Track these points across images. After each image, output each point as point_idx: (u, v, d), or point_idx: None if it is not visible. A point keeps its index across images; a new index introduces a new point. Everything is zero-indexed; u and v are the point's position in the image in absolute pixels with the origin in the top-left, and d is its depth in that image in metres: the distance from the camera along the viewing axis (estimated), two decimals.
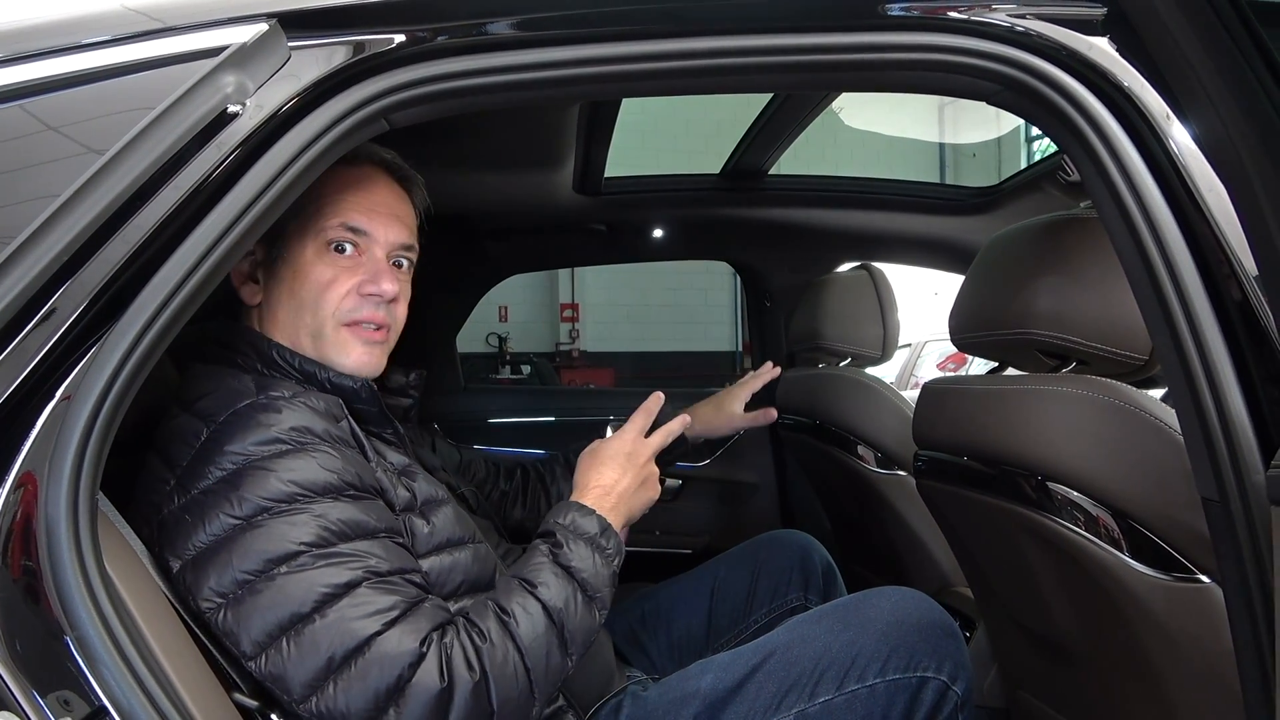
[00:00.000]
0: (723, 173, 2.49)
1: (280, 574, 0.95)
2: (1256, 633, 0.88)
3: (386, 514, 1.05)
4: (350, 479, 1.02)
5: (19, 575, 0.81)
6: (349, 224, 1.15)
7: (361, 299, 1.15)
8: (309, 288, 1.14)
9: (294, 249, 1.14)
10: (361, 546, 0.99)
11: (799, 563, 1.59)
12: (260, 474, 0.98)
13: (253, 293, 1.16)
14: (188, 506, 0.99)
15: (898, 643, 1.17)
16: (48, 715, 0.78)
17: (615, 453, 1.22)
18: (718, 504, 2.76)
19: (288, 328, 1.15)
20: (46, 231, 0.82)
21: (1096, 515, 1.12)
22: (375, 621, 0.94)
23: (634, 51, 0.99)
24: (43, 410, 0.83)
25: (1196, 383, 0.90)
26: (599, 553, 1.10)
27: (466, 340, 2.97)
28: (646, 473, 1.23)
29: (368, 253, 1.17)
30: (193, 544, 0.97)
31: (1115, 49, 0.95)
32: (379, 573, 0.98)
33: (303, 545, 0.96)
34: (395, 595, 0.97)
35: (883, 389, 2.11)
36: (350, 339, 1.15)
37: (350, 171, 1.18)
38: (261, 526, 0.96)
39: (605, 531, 1.13)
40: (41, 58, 0.90)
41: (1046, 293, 1.21)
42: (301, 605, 0.94)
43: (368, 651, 0.93)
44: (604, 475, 1.20)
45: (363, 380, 1.15)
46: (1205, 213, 0.90)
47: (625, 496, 1.19)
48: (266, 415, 1.03)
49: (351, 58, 0.93)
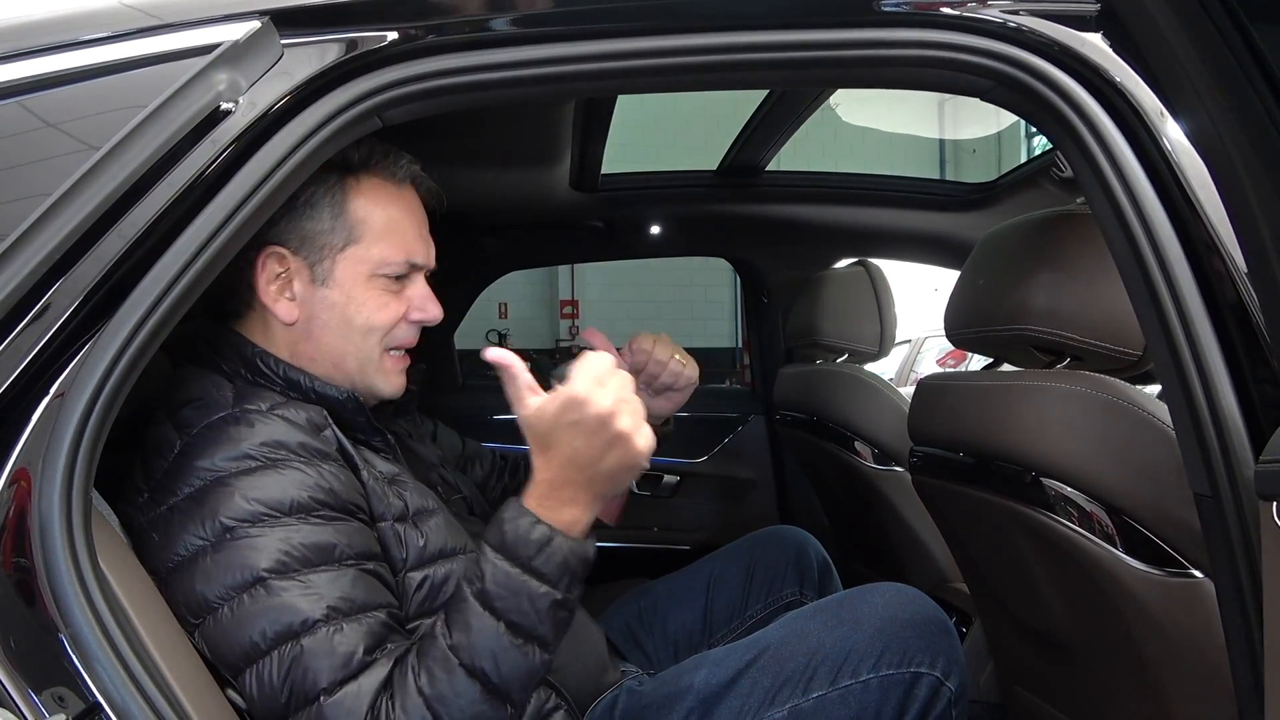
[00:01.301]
0: (720, 169, 2.49)
1: (240, 603, 0.93)
2: (1248, 626, 0.88)
3: (359, 537, 1.01)
4: (323, 497, 0.99)
5: (12, 572, 0.82)
6: (414, 261, 1.16)
7: (409, 326, 1.17)
8: (364, 313, 1.13)
9: (347, 275, 1.12)
10: (325, 578, 0.95)
11: (795, 558, 1.59)
12: (226, 491, 0.97)
13: (289, 311, 1.12)
14: (155, 522, 0.99)
15: (892, 638, 1.17)
16: (43, 712, 0.78)
17: (558, 421, 0.95)
18: (715, 500, 2.77)
19: (330, 349, 1.13)
20: (40, 228, 0.82)
21: (1090, 511, 1.13)
22: (325, 677, 0.92)
23: (629, 48, 0.99)
24: (36, 407, 0.83)
25: (1188, 378, 0.90)
26: (535, 577, 0.93)
27: (467, 338, 2.96)
28: (609, 434, 0.95)
29: (414, 278, 1.17)
30: (163, 563, 0.97)
31: (1109, 45, 0.95)
32: (340, 611, 0.94)
33: (264, 571, 0.94)
34: (352, 642, 0.93)
35: (880, 385, 2.11)
36: (393, 368, 1.17)
37: (395, 192, 1.16)
38: (224, 550, 0.95)
39: (543, 549, 0.94)
40: (39, 54, 0.90)
41: (1040, 288, 1.21)
42: (262, 638, 0.93)
43: (315, 710, 0.92)
44: (550, 459, 0.96)
45: (347, 391, 1.13)
46: (1197, 208, 0.90)
47: (585, 476, 0.96)
48: (238, 429, 1.01)
49: (344, 55, 0.93)
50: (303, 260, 1.11)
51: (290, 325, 1.13)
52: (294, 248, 1.11)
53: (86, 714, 0.79)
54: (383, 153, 1.15)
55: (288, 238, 1.11)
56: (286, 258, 1.11)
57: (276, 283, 1.12)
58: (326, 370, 1.13)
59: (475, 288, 2.90)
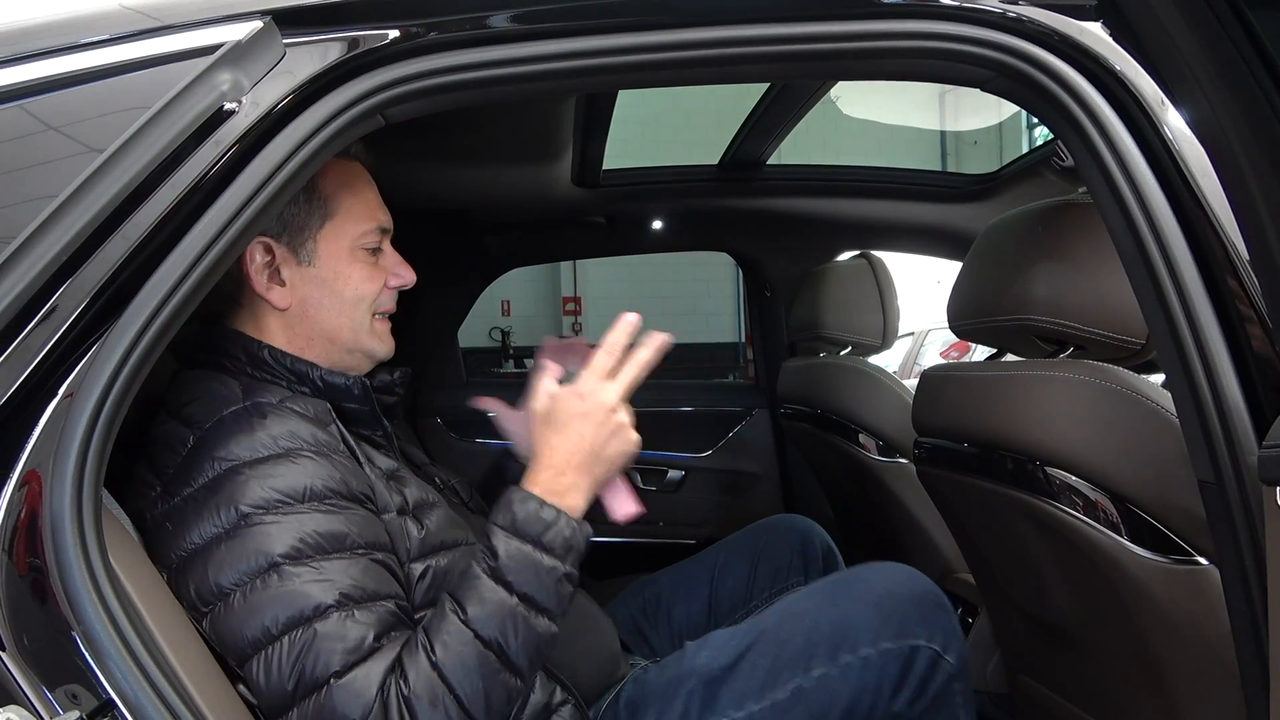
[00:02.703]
0: (721, 164, 2.49)
1: (254, 590, 0.94)
2: (1253, 613, 0.88)
3: (370, 526, 1.03)
4: (335, 486, 1.01)
5: (25, 572, 0.82)
6: (383, 226, 1.21)
7: (389, 292, 1.22)
8: (352, 285, 1.17)
9: (329, 252, 1.16)
10: (337, 566, 0.97)
11: (799, 547, 1.60)
12: (241, 480, 0.98)
13: (282, 297, 1.15)
14: (169, 514, 0.99)
15: (889, 614, 1.18)
16: (56, 709, 0.79)
17: (567, 413, 1.06)
18: (720, 494, 2.77)
19: (325, 326, 1.17)
20: (46, 230, 0.82)
21: (1095, 499, 1.13)
22: (337, 660, 0.93)
23: (629, 43, 0.99)
24: (46, 408, 0.84)
25: (1191, 365, 0.90)
26: (544, 552, 1.00)
27: (470, 335, 2.97)
28: (613, 424, 1.06)
29: (384, 247, 1.22)
30: (174, 553, 0.98)
31: (1109, 33, 0.95)
32: (352, 598, 0.96)
33: (279, 557, 0.95)
34: (363, 628, 0.95)
35: (883, 377, 2.11)
36: (383, 329, 1.22)
37: (353, 168, 1.21)
38: (238, 536, 0.96)
39: (550, 525, 1.01)
40: (40, 58, 0.90)
41: (1042, 278, 1.21)
42: (274, 623, 0.94)
43: (324, 693, 0.93)
44: (556, 448, 1.06)
45: (354, 377, 1.15)
46: (1199, 196, 0.90)
47: (588, 462, 1.05)
48: (251, 420, 1.03)
49: (346, 54, 0.93)
50: (286, 245, 1.15)
51: (284, 311, 1.16)
52: (276, 235, 1.14)
53: (100, 711, 0.80)
54: None
55: (269, 226, 1.13)
56: (271, 246, 1.14)
57: (266, 271, 1.14)
58: (324, 348, 1.17)
59: (478, 285, 2.90)
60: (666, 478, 2.72)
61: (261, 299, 1.15)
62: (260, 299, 1.15)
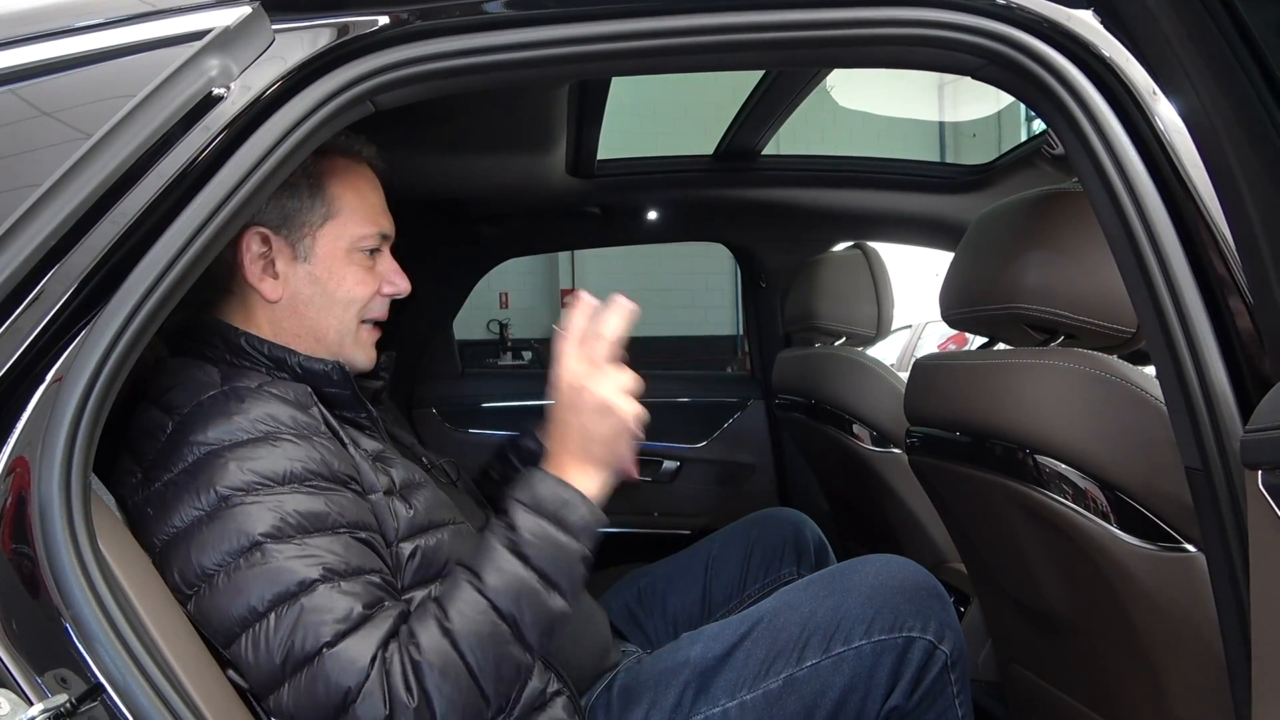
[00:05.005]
0: (716, 154, 2.48)
1: (237, 569, 0.95)
2: (1238, 598, 0.88)
3: (353, 507, 1.03)
4: (316, 468, 1.01)
5: (14, 558, 0.82)
6: (384, 232, 1.20)
7: (382, 299, 1.21)
8: (345, 287, 1.17)
9: (327, 250, 1.16)
10: (320, 543, 0.97)
11: (792, 539, 1.60)
12: (221, 463, 0.98)
13: (274, 289, 1.15)
14: (150, 499, 1.00)
15: (883, 604, 1.18)
16: (45, 693, 0.79)
17: (559, 405, 1.07)
18: (715, 485, 2.78)
19: (312, 323, 1.17)
20: (34, 215, 0.82)
21: (1084, 487, 1.13)
22: (328, 630, 0.93)
23: (621, 30, 0.98)
24: (33, 394, 0.84)
25: (1179, 351, 0.90)
26: (562, 530, 1.01)
27: (468, 327, 2.97)
28: (597, 400, 1.03)
29: (382, 253, 1.22)
30: (156, 537, 0.98)
31: (1099, 22, 0.94)
32: (337, 572, 0.96)
33: (260, 536, 0.95)
34: (350, 599, 0.95)
35: (878, 368, 2.11)
36: (368, 339, 1.22)
37: (363, 171, 1.21)
38: (219, 517, 0.96)
39: (568, 504, 1.02)
40: (29, 42, 0.90)
41: (1033, 267, 1.21)
42: (260, 601, 0.94)
43: (316, 663, 0.93)
44: (563, 429, 1.06)
45: (333, 363, 1.15)
46: (1189, 185, 0.90)
47: (591, 443, 1.05)
48: (229, 404, 1.03)
49: (336, 39, 0.93)
50: (284, 239, 1.15)
51: (274, 303, 1.16)
52: (275, 227, 1.14)
53: (89, 695, 0.80)
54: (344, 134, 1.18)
55: (269, 217, 1.13)
56: (269, 237, 1.14)
57: (260, 262, 1.14)
58: (309, 345, 1.17)
59: (473, 276, 2.90)
60: (661, 468, 2.73)
61: (253, 289, 1.15)
62: (251, 289, 1.15)
